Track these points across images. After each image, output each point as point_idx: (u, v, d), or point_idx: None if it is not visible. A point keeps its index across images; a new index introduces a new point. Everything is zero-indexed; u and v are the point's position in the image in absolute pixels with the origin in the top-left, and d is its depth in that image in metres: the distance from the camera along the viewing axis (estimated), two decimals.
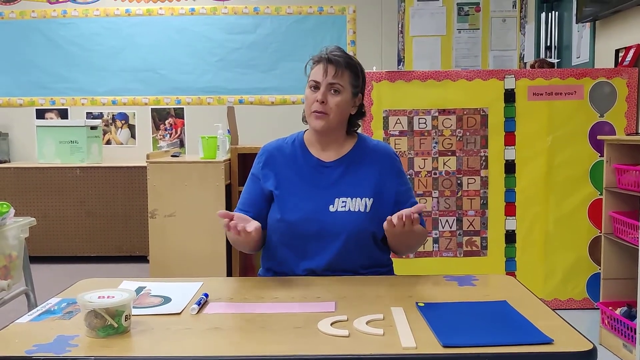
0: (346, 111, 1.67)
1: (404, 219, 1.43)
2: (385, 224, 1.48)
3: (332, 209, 1.62)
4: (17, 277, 2.56)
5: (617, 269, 2.82)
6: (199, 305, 1.31)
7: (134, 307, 1.27)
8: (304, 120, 1.75)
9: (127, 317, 1.17)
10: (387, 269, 1.74)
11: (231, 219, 1.46)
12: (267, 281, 1.59)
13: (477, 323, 1.21)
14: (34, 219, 2.64)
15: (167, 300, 1.37)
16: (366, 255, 1.66)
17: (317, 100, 1.61)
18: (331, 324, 1.19)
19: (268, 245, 1.71)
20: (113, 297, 1.17)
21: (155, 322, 1.23)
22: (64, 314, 1.29)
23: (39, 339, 1.14)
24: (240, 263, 3.70)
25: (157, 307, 1.33)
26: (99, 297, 1.17)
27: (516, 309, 1.28)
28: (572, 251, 3.23)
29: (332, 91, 1.62)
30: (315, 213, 1.61)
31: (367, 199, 1.64)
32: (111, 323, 1.14)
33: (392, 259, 1.79)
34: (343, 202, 1.63)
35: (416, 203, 1.65)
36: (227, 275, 3.61)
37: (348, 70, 1.64)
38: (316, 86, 1.63)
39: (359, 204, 1.63)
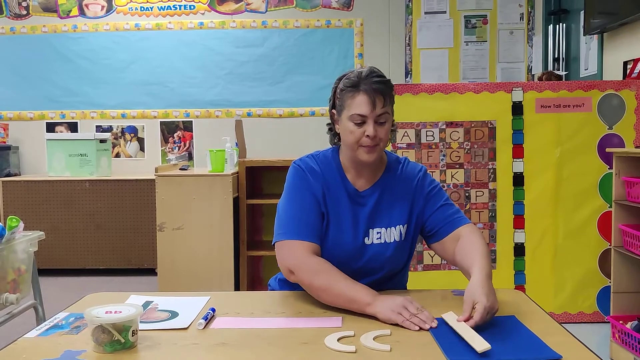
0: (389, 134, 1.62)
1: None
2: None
3: (367, 241, 1.59)
4: (26, 290, 2.57)
5: (628, 282, 2.79)
6: (205, 320, 1.31)
7: (141, 322, 1.27)
8: (334, 141, 1.68)
9: (134, 332, 1.17)
10: (403, 285, 1.75)
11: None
12: (273, 296, 1.59)
13: (485, 339, 1.20)
14: (42, 232, 2.65)
15: (174, 315, 1.37)
16: (397, 279, 1.68)
17: (369, 136, 1.52)
18: (338, 340, 1.19)
19: None
20: (120, 312, 1.17)
21: (162, 337, 1.23)
22: (71, 328, 1.29)
23: (46, 353, 1.14)
24: (247, 276, 3.70)
25: (164, 321, 1.33)
26: (106, 312, 1.17)
27: (525, 324, 1.27)
28: (582, 264, 3.21)
29: (379, 122, 1.54)
30: (352, 250, 1.58)
31: (401, 226, 1.61)
32: (118, 338, 1.14)
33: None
34: (378, 233, 1.60)
35: (460, 219, 1.61)
36: (235, 288, 3.61)
37: (391, 97, 1.58)
38: (363, 121, 1.52)
39: (393, 234, 1.60)
